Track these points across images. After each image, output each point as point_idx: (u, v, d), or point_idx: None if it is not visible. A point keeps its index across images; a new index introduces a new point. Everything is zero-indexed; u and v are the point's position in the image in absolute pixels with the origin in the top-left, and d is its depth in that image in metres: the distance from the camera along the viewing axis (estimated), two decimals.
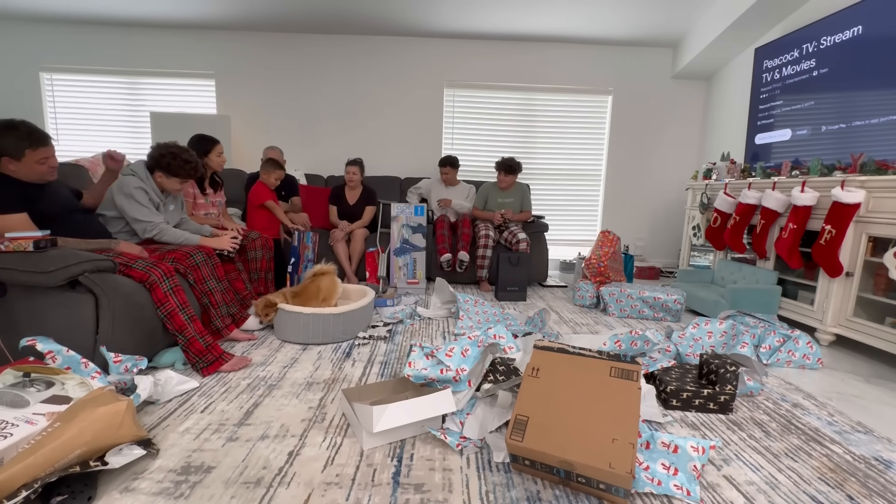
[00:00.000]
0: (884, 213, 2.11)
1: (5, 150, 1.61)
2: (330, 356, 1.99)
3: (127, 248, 1.84)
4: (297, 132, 4.56)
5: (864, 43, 2.61)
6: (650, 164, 4.72)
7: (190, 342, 1.73)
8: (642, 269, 4.24)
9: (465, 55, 4.48)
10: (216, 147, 2.57)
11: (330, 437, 1.33)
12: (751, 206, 2.87)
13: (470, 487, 1.12)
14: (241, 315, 2.26)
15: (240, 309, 2.28)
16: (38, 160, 1.66)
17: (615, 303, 2.80)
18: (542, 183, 4.73)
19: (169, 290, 1.73)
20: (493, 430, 1.37)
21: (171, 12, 4.05)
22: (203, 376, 1.73)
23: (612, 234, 3.21)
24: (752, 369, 1.74)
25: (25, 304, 1.54)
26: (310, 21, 4.17)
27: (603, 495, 1.08)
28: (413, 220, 3.33)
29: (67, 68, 4.39)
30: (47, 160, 1.69)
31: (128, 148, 4.47)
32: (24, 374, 1.28)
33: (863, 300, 2.23)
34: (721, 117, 4.32)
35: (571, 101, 4.64)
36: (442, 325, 2.49)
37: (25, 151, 1.63)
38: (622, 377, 1.20)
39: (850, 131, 2.70)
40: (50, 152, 1.70)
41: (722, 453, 1.31)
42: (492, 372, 1.53)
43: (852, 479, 1.21)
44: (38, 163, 1.67)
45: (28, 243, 1.49)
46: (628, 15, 3.92)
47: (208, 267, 2.05)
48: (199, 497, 1.06)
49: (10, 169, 1.64)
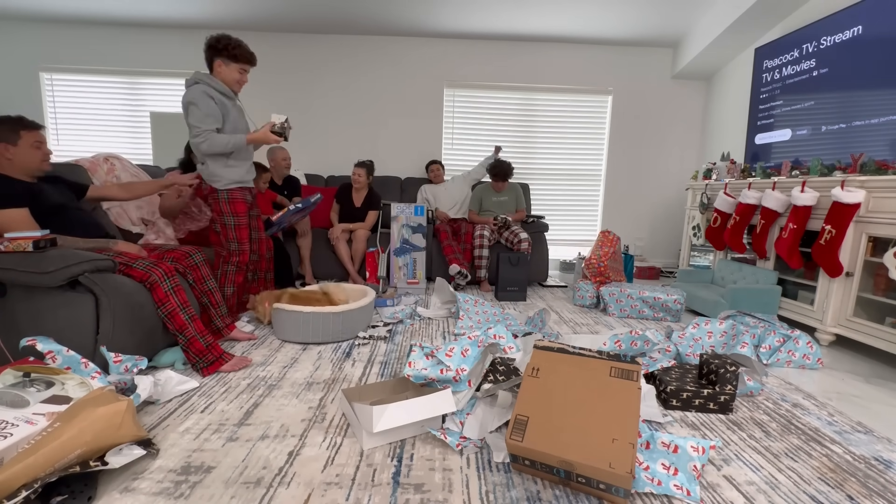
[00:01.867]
0: (884, 213, 2.11)
1: (1, 136, 1.65)
2: (330, 356, 1.99)
3: (125, 247, 1.84)
4: (297, 132, 4.55)
5: (864, 43, 2.61)
6: (650, 164, 4.72)
7: (190, 342, 1.73)
8: (642, 269, 4.24)
9: (464, 55, 4.48)
10: None
11: (330, 437, 1.33)
12: (751, 206, 2.87)
13: (470, 487, 1.12)
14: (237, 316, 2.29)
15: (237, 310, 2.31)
16: (33, 143, 1.71)
17: (615, 303, 2.80)
18: (542, 183, 4.73)
19: (170, 290, 1.73)
20: (493, 430, 1.37)
21: (171, 12, 4.05)
22: (203, 376, 1.73)
23: (612, 234, 3.21)
24: (752, 369, 1.74)
25: (25, 304, 1.54)
26: (310, 21, 4.17)
27: (603, 495, 1.08)
28: (413, 220, 3.33)
29: (67, 68, 4.39)
30: (41, 144, 1.74)
31: (128, 148, 4.47)
32: (24, 374, 1.28)
33: (863, 300, 2.22)
34: (721, 117, 4.32)
35: (571, 101, 4.64)
36: (442, 325, 2.49)
37: (20, 133, 1.68)
38: (622, 377, 1.20)
39: (850, 131, 2.70)
40: (42, 137, 1.76)
41: (722, 453, 1.31)
42: (492, 372, 1.53)
43: (852, 479, 1.21)
44: (34, 146, 1.71)
45: (28, 243, 1.49)
46: (628, 15, 3.92)
47: (208, 266, 2.05)
48: (199, 497, 1.06)
49: (8, 157, 1.67)
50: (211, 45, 2.02)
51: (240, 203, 2.13)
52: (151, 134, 4.18)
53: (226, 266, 2.18)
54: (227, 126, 2.06)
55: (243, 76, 2.09)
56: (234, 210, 2.11)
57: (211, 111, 1.98)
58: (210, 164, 2.06)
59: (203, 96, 1.96)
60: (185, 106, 1.98)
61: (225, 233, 2.13)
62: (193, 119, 1.97)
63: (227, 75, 2.05)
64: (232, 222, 2.12)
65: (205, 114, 1.96)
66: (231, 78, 2.06)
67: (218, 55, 2.02)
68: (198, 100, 1.95)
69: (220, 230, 2.15)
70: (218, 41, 2.01)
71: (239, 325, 2.24)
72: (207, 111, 1.97)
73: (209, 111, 1.97)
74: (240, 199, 2.13)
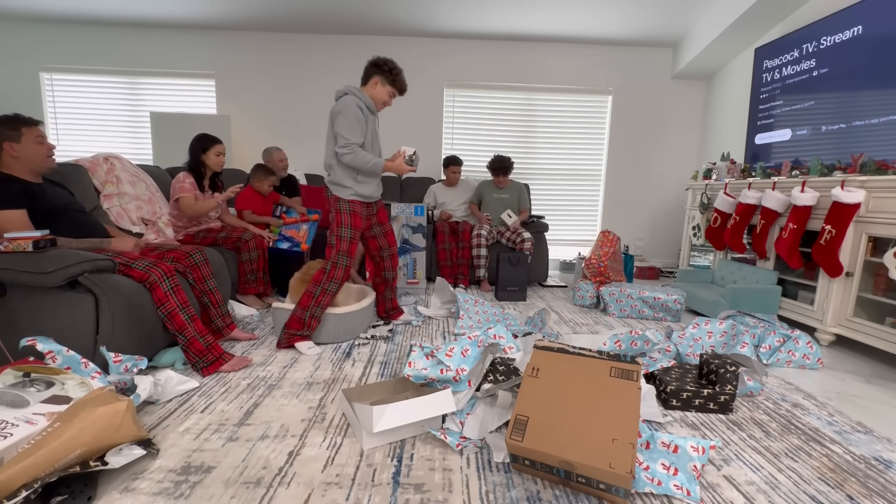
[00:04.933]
0: (884, 213, 2.11)
1: (4, 135, 1.67)
2: (330, 356, 1.99)
3: (119, 244, 1.84)
4: (298, 132, 4.56)
5: (864, 43, 2.61)
6: (650, 163, 4.72)
7: (190, 342, 1.73)
8: (642, 269, 4.24)
9: (465, 55, 4.48)
10: (215, 146, 2.57)
11: (330, 437, 1.33)
12: (751, 206, 2.87)
13: (470, 487, 1.12)
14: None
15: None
16: (35, 139, 1.73)
17: (615, 303, 2.80)
18: (542, 183, 4.73)
19: (169, 290, 1.73)
20: (493, 430, 1.37)
21: (171, 12, 4.05)
22: (203, 376, 1.73)
23: (612, 234, 3.21)
24: (752, 369, 1.74)
25: (25, 304, 1.54)
26: (309, 21, 4.17)
27: (603, 495, 1.08)
28: (413, 220, 3.33)
29: (67, 68, 4.39)
30: (43, 139, 1.76)
31: (128, 148, 4.47)
32: (24, 374, 1.28)
33: (863, 300, 2.22)
34: (721, 117, 4.32)
35: (571, 101, 4.64)
36: (442, 325, 2.49)
37: (22, 129, 1.70)
38: (622, 377, 1.20)
39: (850, 131, 2.70)
40: (43, 132, 1.78)
41: (722, 453, 1.31)
42: (492, 372, 1.53)
43: (852, 479, 1.21)
44: (36, 142, 1.73)
45: (27, 243, 1.49)
46: (628, 15, 3.92)
47: (208, 266, 2.05)
48: (199, 497, 1.06)
49: (13, 154, 1.68)
50: (376, 64, 2.08)
51: (359, 218, 2.13)
52: (151, 134, 4.18)
53: (328, 284, 2.06)
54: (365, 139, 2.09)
55: (389, 100, 2.15)
56: (353, 223, 2.10)
57: (360, 124, 2.01)
58: (339, 173, 2.06)
59: (354, 108, 1.99)
60: (336, 115, 1.99)
61: (338, 245, 2.08)
62: (342, 129, 1.98)
63: (379, 94, 2.10)
64: (348, 235, 2.09)
65: (354, 126, 1.99)
66: (380, 98, 2.11)
67: (379, 73, 2.08)
68: (349, 111, 1.98)
69: (333, 242, 2.09)
70: (385, 63, 2.08)
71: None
72: (357, 123, 2.00)
73: (359, 124, 2.01)
74: (360, 214, 2.13)
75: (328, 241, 2.14)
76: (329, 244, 2.13)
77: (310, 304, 2.04)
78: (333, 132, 2.03)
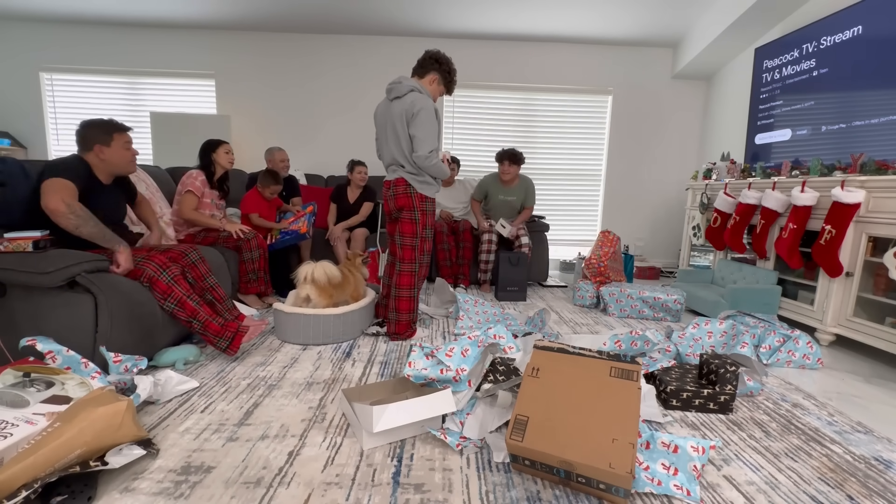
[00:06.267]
0: (884, 213, 2.11)
1: (97, 138, 1.74)
2: (330, 356, 1.99)
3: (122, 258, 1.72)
4: (298, 132, 4.56)
5: (864, 43, 2.61)
6: (650, 163, 4.72)
7: (205, 326, 1.74)
8: (642, 269, 4.24)
9: (465, 55, 4.48)
10: (224, 145, 2.65)
11: (330, 437, 1.33)
12: (751, 206, 2.87)
13: (470, 487, 1.12)
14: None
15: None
16: (124, 144, 1.81)
17: (615, 303, 2.80)
18: (542, 183, 4.72)
19: (170, 281, 1.72)
20: (493, 430, 1.37)
21: (171, 12, 4.05)
22: (230, 355, 1.77)
23: (612, 234, 3.21)
24: (752, 369, 1.74)
25: (25, 304, 1.54)
26: (309, 21, 4.17)
27: (603, 495, 1.08)
28: None
29: (67, 68, 4.39)
30: (130, 145, 1.84)
31: None
32: (24, 374, 1.28)
33: (863, 300, 2.22)
34: (721, 117, 4.32)
35: (571, 101, 4.64)
36: (442, 325, 2.49)
37: (113, 135, 1.77)
38: (622, 377, 1.20)
39: (850, 131, 2.70)
40: (130, 138, 1.86)
41: (722, 453, 1.31)
42: (492, 372, 1.53)
43: (852, 479, 1.21)
44: (124, 147, 1.81)
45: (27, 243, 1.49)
46: (628, 15, 3.92)
47: (206, 264, 2.05)
48: (199, 497, 1.06)
49: (101, 157, 1.76)
50: (438, 60, 2.05)
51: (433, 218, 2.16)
52: (151, 134, 4.18)
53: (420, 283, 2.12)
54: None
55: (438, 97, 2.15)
56: (431, 223, 2.11)
57: (438, 127, 2.00)
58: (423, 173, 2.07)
59: (432, 111, 1.97)
60: (414, 115, 1.94)
61: (421, 246, 2.08)
62: (426, 133, 1.94)
63: (434, 90, 2.10)
64: (429, 235, 2.10)
65: (436, 130, 1.98)
66: (435, 93, 2.11)
67: (438, 71, 2.07)
68: (430, 114, 1.95)
69: (416, 244, 2.08)
70: (448, 62, 2.08)
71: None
72: (437, 127, 1.99)
73: (438, 127, 2.00)
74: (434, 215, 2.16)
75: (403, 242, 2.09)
76: (408, 245, 2.09)
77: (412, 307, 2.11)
78: (409, 133, 1.96)
